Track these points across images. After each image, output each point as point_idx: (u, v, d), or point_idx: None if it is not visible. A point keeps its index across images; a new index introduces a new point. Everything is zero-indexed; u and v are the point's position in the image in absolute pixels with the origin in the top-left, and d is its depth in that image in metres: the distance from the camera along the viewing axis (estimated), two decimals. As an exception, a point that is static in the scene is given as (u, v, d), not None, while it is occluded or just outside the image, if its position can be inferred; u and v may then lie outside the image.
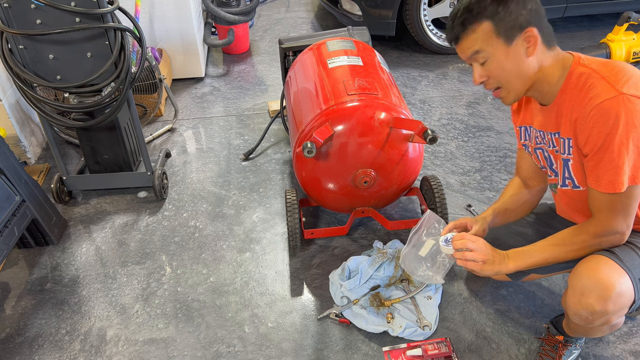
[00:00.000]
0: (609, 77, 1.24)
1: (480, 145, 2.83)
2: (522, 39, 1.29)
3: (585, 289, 1.32)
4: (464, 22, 1.31)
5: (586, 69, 1.29)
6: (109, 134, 2.36)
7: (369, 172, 1.94)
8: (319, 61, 2.25)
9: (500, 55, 1.31)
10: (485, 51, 1.32)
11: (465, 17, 1.31)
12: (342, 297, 1.91)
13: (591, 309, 1.31)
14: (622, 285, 1.30)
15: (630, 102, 1.20)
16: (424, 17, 3.69)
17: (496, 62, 1.32)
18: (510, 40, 1.29)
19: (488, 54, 1.32)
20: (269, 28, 4.59)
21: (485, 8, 1.27)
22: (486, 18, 1.28)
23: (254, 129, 3.10)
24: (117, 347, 1.82)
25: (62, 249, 2.26)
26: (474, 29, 1.30)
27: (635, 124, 1.20)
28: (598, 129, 1.24)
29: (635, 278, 1.32)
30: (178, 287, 2.05)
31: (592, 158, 1.29)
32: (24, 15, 1.93)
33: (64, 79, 2.09)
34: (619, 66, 1.27)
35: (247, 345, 1.80)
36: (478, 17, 1.29)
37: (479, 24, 1.29)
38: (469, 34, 1.32)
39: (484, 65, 1.35)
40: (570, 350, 1.64)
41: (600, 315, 1.32)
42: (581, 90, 1.29)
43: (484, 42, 1.31)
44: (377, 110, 1.88)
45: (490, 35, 1.29)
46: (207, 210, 2.46)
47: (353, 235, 2.26)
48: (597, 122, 1.24)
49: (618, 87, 1.22)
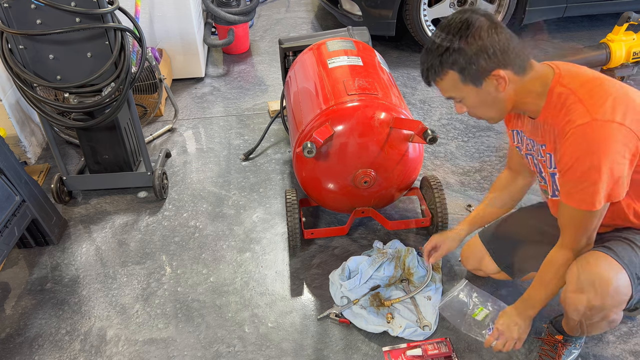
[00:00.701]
0: (586, 100, 1.25)
1: (480, 145, 2.83)
2: (491, 79, 1.31)
3: (583, 285, 1.34)
4: (429, 78, 1.38)
5: (565, 89, 1.30)
6: (109, 134, 2.36)
7: (369, 172, 1.94)
8: (319, 61, 2.26)
9: (472, 97, 1.36)
10: (457, 96, 1.37)
11: (429, 74, 1.36)
12: (342, 297, 1.91)
13: (589, 304, 1.34)
14: (619, 281, 1.32)
15: (603, 127, 1.21)
16: (424, 17, 3.69)
17: (470, 101, 1.38)
18: (479, 84, 1.32)
19: (460, 97, 1.37)
20: (269, 28, 4.59)
21: (447, 61, 1.30)
22: (449, 69, 1.31)
23: (254, 129, 3.10)
24: (117, 347, 1.82)
25: (62, 249, 2.26)
26: (441, 78, 1.34)
27: (607, 150, 1.21)
28: (571, 150, 1.26)
29: (632, 273, 1.33)
30: (178, 287, 2.05)
31: (564, 175, 1.31)
32: (24, 15, 1.93)
33: (64, 79, 2.09)
34: (598, 87, 1.27)
35: (247, 345, 1.80)
36: (442, 67, 1.32)
37: (445, 74, 1.33)
38: (438, 81, 1.37)
39: (461, 103, 1.40)
40: (569, 350, 1.65)
41: (599, 310, 1.34)
42: (560, 111, 1.30)
43: (453, 90, 1.36)
44: (377, 110, 1.88)
45: (458, 83, 1.33)
46: (207, 210, 2.46)
47: (353, 235, 2.26)
48: (571, 145, 1.26)
49: (592, 111, 1.23)
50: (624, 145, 1.22)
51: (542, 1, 3.75)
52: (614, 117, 1.21)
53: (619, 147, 1.21)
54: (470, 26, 1.25)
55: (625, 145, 1.22)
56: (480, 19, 1.26)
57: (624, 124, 1.21)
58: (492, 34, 1.26)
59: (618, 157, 1.22)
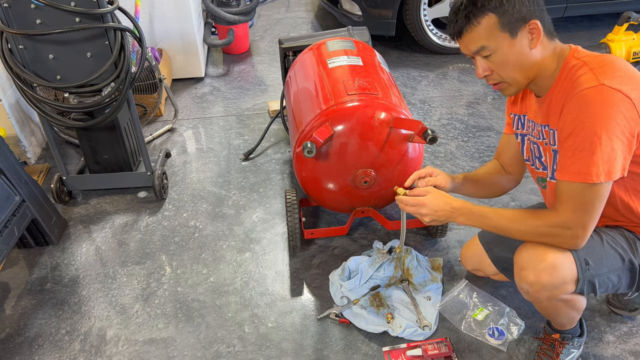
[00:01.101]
0: (596, 69, 1.25)
1: (480, 145, 2.83)
2: (526, 31, 1.29)
3: (523, 262, 1.38)
4: (468, 15, 1.30)
5: (578, 61, 1.30)
6: (109, 134, 2.36)
7: (369, 172, 1.94)
8: (319, 61, 2.25)
9: (505, 48, 1.31)
10: (490, 45, 1.31)
11: (470, 9, 1.29)
12: (342, 297, 1.91)
13: (527, 279, 1.37)
14: (558, 260, 1.33)
15: (609, 93, 1.19)
16: (424, 17, 3.69)
17: (501, 55, 1.32)
18: (514, 33, 1.29)
19: (493, 48, 1.31)
20: (269, 28, 4.59)
21: (490, 1, 1.27)
22: (490, 11, 1.27)
23: (254, 129, 3.10)
24: (117, 347, 1.82)
25: (62, 249, 2.26)
26: (478, 21, 1.29)
27: (608, 115, 1.19)
28: (572, 115, 1.24)
29: (579, 257, 1.35)
30: (178, 287, 2.05)
31: (563, 145, 1.28)
32: (24, 15, 1.93)
33: (64, 79, 2.09)
34: (611, 60, 1.27)
35: (247, 345, 1.80)
36: (482, 9, 1.28)
37: (484, 16, 1.28)
38: (473, 27, 1.30)
39: (488, 58, 1.34)
40: (568, 349, 1.65)
41: (538, 287, 1.35)
42: (570, 80, 1.29)
43: (489, 36, 1.30)
44: (377, 110, 1.88)
45: (495, 29, 1.29)
46: (207, 210, 2.46)
47: (353, 235, 2.26)
48: (573, 109, 1.24)
49: (601, 78, 1.22)
50: (624, 119, 1.19)
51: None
52: (622, 88, 1.20)
53: (621, 119, 1.19)
54: None
55: (626, 120, 1.20)
56: None
57: (630, 97, 1.19)
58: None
59: (618, 130, 1.20)
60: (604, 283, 1.40)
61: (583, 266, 1.35)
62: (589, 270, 1.36)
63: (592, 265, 1.36)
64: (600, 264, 1.37)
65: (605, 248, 1.39)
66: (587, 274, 1.36)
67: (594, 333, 1.78)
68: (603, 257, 1.38)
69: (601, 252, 1.38)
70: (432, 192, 1.52)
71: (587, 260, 1.36)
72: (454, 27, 1.35)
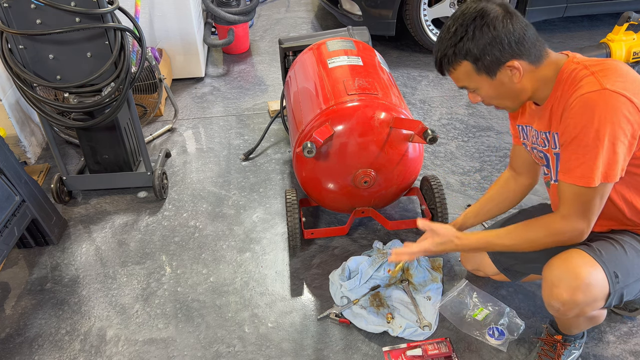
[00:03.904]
0: (598, 73, 1.24)
1: (481, 145, 2.83)
2: (506, 70, 1.30)
3: (556, 280, 1.34)
4: (442, 69, 1.37)
5: (578, 65, 1.29)
6: (109, 134, 2.36)
7: (369, 172, 1.94)
8: (319, 61, 2.25)
9: (487, 87, 1.35)
10: (471, 86, 1.36)
11: (443, 63, 1.35)
12: (342, 297, 1.91)
13: (561, 298, 1.33)
14: (592, 277, 1.31)
15: (612, 97, 1.19)
16: (424, 17, 3.69)
17: (484, 92, 1.36)
18: (493, 75, 1.31)
19: (474, 88, 1.36)
20: (269, 28, 4.59)
21: (460, 51, 1.29)
22: (463, 59, 1.30)
23: (254, 129, 3.10)
24: (117, 347, 1.82)
25: (62, 249, 2.26)
26: (454, 68, 1.33)
27: (612, 119, 1.19)
28: (576, 120, 1.24)
29: (609, 271, 1.33)
30: (178, 287, 2.05)
31: (567, 148, 1.28)
32: (24, 15, 1.93)
33: (64, 79, 2.09)
34: (612, 64, 1.27)
35: (247, 345, 1.80)
36: (456, 58, 1.31)
37: (459, 64, 1.32)
38: (451, 73, 1.36)
39: (475, 92, 1.39)
40: (569, 350, 1.64)
41: (571, 305, 1.33)
42: (571, 84, 1.29)
43: (467, 80, 1.35)
44: (377, 110, 1.88)
45: (472, 73, 1.32)
46: (207, 210, 2.46)
47: (353, 235, 2.26)
48: (577, 113, 1.24)
49: (603, 82, 1.21)
50: (627, 122, 1.20)
51: (542, 1, 3.75)
52: (625, 91, 1.20)
53: (624, 122, 1.19)
54: (485, 16, 1.24)
55: (628, 122, 1.20)
56: (495, 8, 1.25)
57: (632, 100, 1.19)
58: (507, 24, 1.24)
59: (620, 132, 1.20)
60: (630, 292, 1.39)
61: (613, 279, 1.33)
62: (618, 284, 1.34)
63: (620, 277, 1.34)
64: (628, 275, 1.36)
65: (629, 257, 1.37)
66: (617, 287, 1.34)
67: (594, 333, 1.78)
68: (629, 267, 1.36)
69: (626, 263, 1.36)
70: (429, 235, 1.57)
71: (617, 274, 1.34)
72: (435, 65, 1.41)
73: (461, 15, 1.28)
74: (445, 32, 1.31)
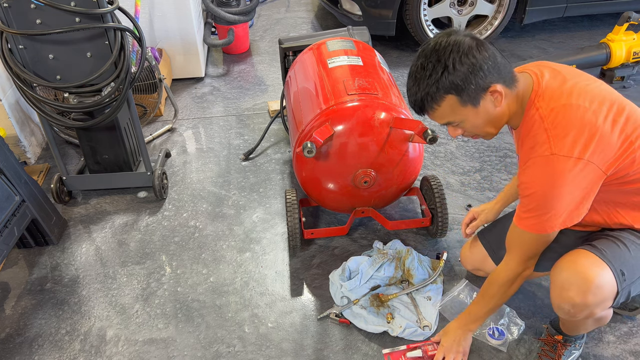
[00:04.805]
0: (550, 130, 1.28)
1: (481, 145, 2.83)
2: (488, 95, 1.31)
3: (566, 282, 1.36)
4: (424, 109, 1.36)
5: (536, 113, 1.33)
6: (108, 134, 2.36)
7: (369, 172, 1.94)
8: (319, 61, 2.25)
9: (471, 118, 1.36)
10: (456, 120, 1.37)
11: (425, 102, 1.34)
12: (342, 297, 1.91)
13: (571, 301, 1.34)
14: (601, 278, 1.32)
15: (560, 162, 1.25)
16: (424, 17, 3.69)
17: (469, 124, 1.38)
18: (477, 103, 1.32)
19: (459, 121, 1.37)
20: (269, 28, 4.59)
21: (443, 86, 1.29)
22: (447, 93, 1.30)
23: (254, 129, 3.10)
24: (117, 347, 1.82)
25: (62, 249, 2.26)
26: (439, 104, 1.33)
27: (561, 182, 1.26)
28: (530, 179, 1.32)
29: (616, 270, 1.34)
30: (178, 287, 2.05)
31: (522, 200, 1.36)
32: (23, 15, 1.93)
33: (64, 79, 2.09)
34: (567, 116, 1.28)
35: (247, 345, 1.80)
36: (439, 94, 1.31)
37: (442, 99, 1.32)
38: (434, 110, 1.36)
39: (458, 126, 1.40)
40: (569, 350, 1.64)
41: (582, 307, 1.34)
42: (527, 135, 1.35)
43: (452, 114, 1.35)
44: (377, 110, 1.88)
45: (457, 106, 1.33)
46: (207, 210, 2.46)
47: (353, 235, 2.26)
48: (531, 174, 1.31)
49: (552, 145, 1.26)
50: (582, 178, 1.26)
51: (542, 1, 3.75)
52: (573, 152, 1.25)
53: (577, 180, 1.26)
54: (461, 47, 1.26)
55: (583, 178, 1.26)
56: (466, 39, 1.28)
57: (582, 158, 1.24)
58: (482, 51, 1.27)
59: (575, 189, 1.27)
60: (636, 289, 1.40)
61: (620, 278, 1.34)
62: (625, 281, 1.35)
63: (627, 275, 1.35)
64: (633, 272, 1.36)
65: (632, 254, 1.38)
66: (624, 285, 1.35)
67: (594, 333, 1.78)
68: (634, 264, 1.37)
69: (630, 260, 1.37)
70: (443, 343, 1.69)
71: (623, 272, 1.35)
72: (414, 106, 1.39)
73: (434, 52, 1.28)
74: (420, 71, 1.31)
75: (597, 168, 1.27)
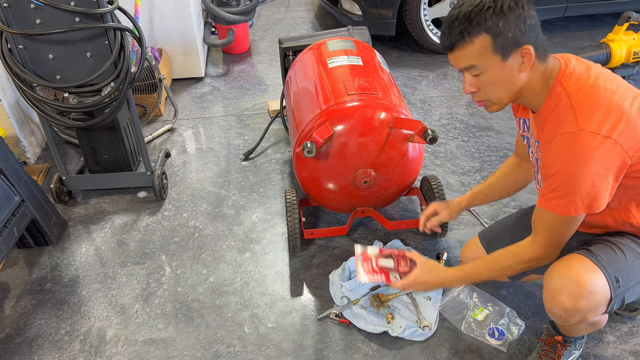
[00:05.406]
0: (577, 107, 1.24)
1: (481, 145, 2.83)
2: (518, 55, 1.27)
3: (558, 287, 1.34)
4: (462, 32, 1.26)
5: (562, 90, 1.29)
6: (108, 133, 2.36)
7: (369, 172, 1.94)
8: (319, 61, 2.25)
9: (495, 70, 1.29)
10: (480, 65, 1.29)
11: (464, 27, 1.25)
12: (342, 297, 1.91)
13: (563, 306, 1.33)
14: (594, 283, 1.31)
15: (588, 138, 1.21)
16: (424, 17, 3.69)
17: (489, 76, 1.30)
18: (506, 57, 1.27)
19: (482, 69, 1.29)
20: (269, 28, 4.59)
21: (486, 20, 1.22)
22: (485, 32, 1.24)
23: (253, 129, 3.10)
24: (116, 347, 1.82)
25: (62, 249, 2.26)
26: (472, 41, 1.26)
27: (588, 160, 1.22)
28: (555, 158, 1.27)
29: (610, 276, 1.33)
30: (178, 287, 2.05)
31: (545, 181, 1.32)
32: (23, 15, 1.92)
33: (64, 79, 2.09)
34: (594, 95, 1.25)
35: (247, 346, 1.80)
36: (477, 29, 1.24)
37: (478, 37, 1.25)
38: (465, 45, 1.27)
39: (476, 77, 1.32)
40: (569, 350, 1.64)
41: (573, 312, 1.33)
42: (552, 113, 1.30)
43: (480, 57, 1.27)
44: (377, 110, 1.88)
45: (488, 50, 1.26)
46: (207, 210, 2.46)
47: (353, 235, 2.26)
48: (556, 152, 1.27)
49: (579, 121, 1.22)
50: (607, 158, 1.22)
51: (542, 1, 3.75)
52: (600, 130, 1.21)
53: (603, 160, 1.22)
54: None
55: (609, 158, 1.22)
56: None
57: (610, 137, 1.20)
58: (530, 7, 1.24)
59: (600, 169, 1.23)
60: (631, 296, 1.38)
61: (614, 284, 1.33)
62: (619, 288, 1.34)
63: (621, 282, 1.34)
64: (628, 279, 1.36)
65: (629, 261, 1.37)
66: (619, 292, 1.34)
67: (594, 333, 1.78)
68: (629, 271, 1.36)
69: (627, 267, 1.36)
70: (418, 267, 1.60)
71: (617, 278, 1.34)
72: (446, 40, 1.32)
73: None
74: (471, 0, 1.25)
75: (623, 151, 1.22)
